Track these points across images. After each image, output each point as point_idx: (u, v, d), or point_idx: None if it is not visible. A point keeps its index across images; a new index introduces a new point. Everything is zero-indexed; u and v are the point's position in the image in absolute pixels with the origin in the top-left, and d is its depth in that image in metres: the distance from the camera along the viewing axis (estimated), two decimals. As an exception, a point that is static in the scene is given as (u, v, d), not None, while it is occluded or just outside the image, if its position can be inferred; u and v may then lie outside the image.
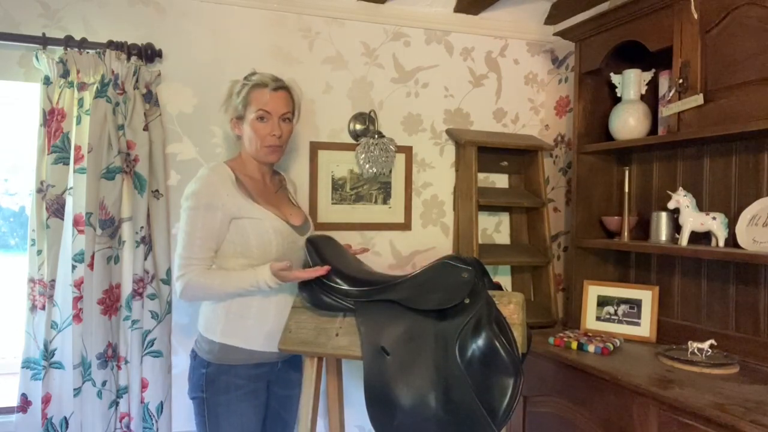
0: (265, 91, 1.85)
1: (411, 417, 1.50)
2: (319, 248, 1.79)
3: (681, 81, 1.98)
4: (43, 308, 2.05)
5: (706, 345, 1.94)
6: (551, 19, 2.75)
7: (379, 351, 1.57)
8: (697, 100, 1.92)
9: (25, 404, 2.05)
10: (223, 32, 2.35)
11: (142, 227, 2.12)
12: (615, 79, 2.35)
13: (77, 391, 2.04)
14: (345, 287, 1.69)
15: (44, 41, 2.04)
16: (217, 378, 1.78)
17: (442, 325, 1.56)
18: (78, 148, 2.05)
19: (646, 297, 2.27)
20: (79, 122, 2.06)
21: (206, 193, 1.75)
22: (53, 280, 2.06)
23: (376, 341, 1.59)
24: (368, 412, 1.53)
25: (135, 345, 2.12)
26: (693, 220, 2.04)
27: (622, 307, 2.32)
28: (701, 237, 2.09)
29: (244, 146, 1.91)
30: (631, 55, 2.30)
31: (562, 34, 2.51)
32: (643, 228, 2.39)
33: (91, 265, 2.03)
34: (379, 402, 1.53)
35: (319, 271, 1.69)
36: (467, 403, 1.47)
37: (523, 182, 2.78)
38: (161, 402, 2.17)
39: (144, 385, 2.15)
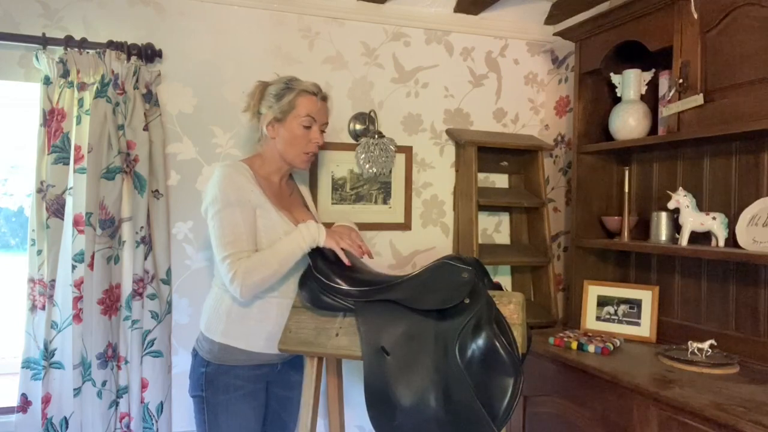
0: (315, 99, 1.86)
1: (411, 417, 1.50)
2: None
3: (681, 81, 1.98)
4: (43, 308, 2.05)
5: (706, 345, 1.94)
6: (551, 19, 2.75)
7: (379, 351, 1.57)
8: (697, 100, 1.92)
9: (25, 404, 2.05)
10: (223, 32, 2.34)
11: (142, 227, 2.11)
12: (615, 79, 2.35)
13: (77, 391, 2.04)
14: (345, 287, 1.68)
15: (44, 41, 2.04)
16: (216, 378, 1.78)
17: (442, 325, 1.56)
18: (78, 148, 2.05)
19: (646, 297, 2.27)
20: (79, 122, 2.06)
21: (232, 189, 1.73)
22: (53, 280, 2.06)
23: (376, 341, 1.58)
24: (368, 413, 1.53)
25: (135, 345, 2.12)
26: (693, 220, 2.04)
27: (622, 307, 2.32)
28: (701, 237, 2.09)
29: (273, 147, 1.88)
30: (631, 55, 2.30)
31: (562, 34, 2.52)
32: (643, 228, 2.39)
33: (91, 265, 2.03)
34: (379, 402, 1.53)
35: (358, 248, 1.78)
36: (467, 403, 1.46)
37: (523, 182, 2.77)
38: (161, 402, 2.17)
39: (144, 385, 2.15)
